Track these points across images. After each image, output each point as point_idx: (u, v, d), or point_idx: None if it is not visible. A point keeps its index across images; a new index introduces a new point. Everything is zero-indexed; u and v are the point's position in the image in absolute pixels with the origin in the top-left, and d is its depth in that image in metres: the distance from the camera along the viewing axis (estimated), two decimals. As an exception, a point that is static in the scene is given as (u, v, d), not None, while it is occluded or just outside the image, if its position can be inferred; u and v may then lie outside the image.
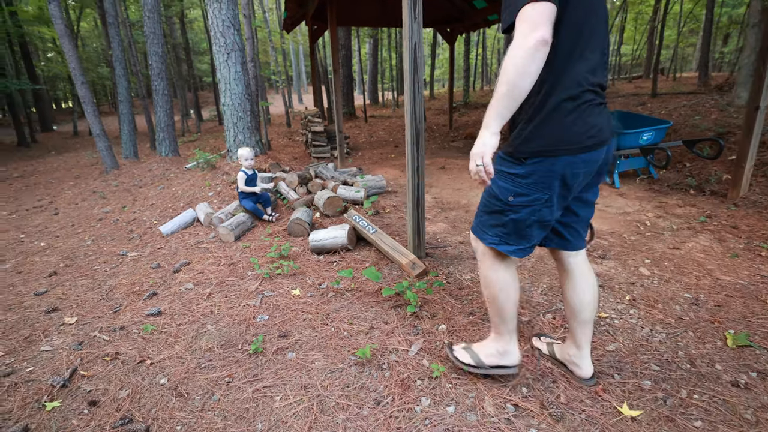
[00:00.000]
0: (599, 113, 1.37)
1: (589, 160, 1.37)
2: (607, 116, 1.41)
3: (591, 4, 1.32)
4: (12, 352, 2.36)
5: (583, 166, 1.37)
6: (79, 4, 18.24)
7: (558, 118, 1.33)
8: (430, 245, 3.16)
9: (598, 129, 1.35)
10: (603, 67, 1.39)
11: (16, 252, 4.33)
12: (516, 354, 1.70)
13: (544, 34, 1.17)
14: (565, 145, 1.33)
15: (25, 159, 13.38)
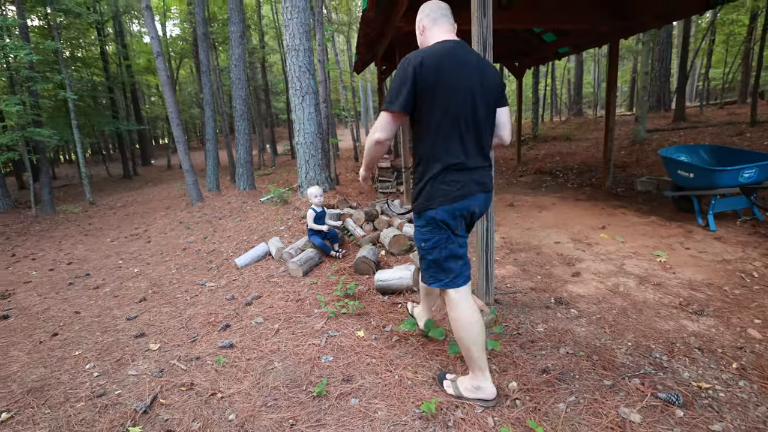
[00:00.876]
0: (462, 175, 1.79)
1: (461, 207, 1.81)
2: (471, 177, 1.81)
3: (452, 93, 1.72)
4: (105, 373, 2.59)
5: (458, 211, 1.82)
6: (179, 55, 20.86)
7: (431, 183, 1.82)
8: (498, 291, 3.02)
9: (462, 185, 1.79)
10: (460, 141, 1.77)
11: (114, 277, 4.84)
12: (489, 389, 1.91)
13: (380, 136, 1.78)
14: (429, 202, 1.82)
15: (127, 190, 15.19)
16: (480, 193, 1.85)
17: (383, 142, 1.80)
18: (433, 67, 1.69)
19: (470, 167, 1.80)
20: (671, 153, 4.79)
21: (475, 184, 1.82)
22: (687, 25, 12.11)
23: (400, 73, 1.72)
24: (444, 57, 1.72)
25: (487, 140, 1.87)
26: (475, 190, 1.82)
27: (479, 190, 1.84)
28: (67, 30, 14.87)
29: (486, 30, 2.33)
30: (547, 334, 2.46)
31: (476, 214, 1.91)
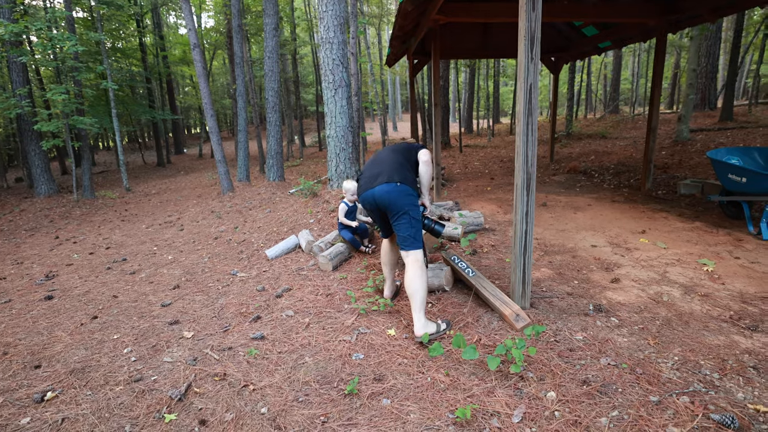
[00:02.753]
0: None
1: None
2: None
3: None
4: (141, 358, 2.66)
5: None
6: (212, 47, 21.28)
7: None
8: (534, 294, 2.92)
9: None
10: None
11: (149, 263, 4.98)
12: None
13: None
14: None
15: (161, 177, 15.68)
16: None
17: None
18: None
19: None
20: (722, 155, 4.52)
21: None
22: (740, 17, 11.39)
23: None
24: None
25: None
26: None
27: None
28: (108, 21, 15.39)
29: (534, 24, 2.23)
30: (586, 343, 2.36)
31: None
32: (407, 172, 2.67)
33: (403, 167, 2.67)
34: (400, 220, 2.56)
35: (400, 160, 2.71)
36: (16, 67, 10.58)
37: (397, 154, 2.76)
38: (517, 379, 2.09)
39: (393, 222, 2.62)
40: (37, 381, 2.43)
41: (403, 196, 2.55)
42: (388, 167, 2.64)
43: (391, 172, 2.61)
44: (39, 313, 3.60)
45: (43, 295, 4.03)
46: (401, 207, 2.54)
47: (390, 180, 2.57)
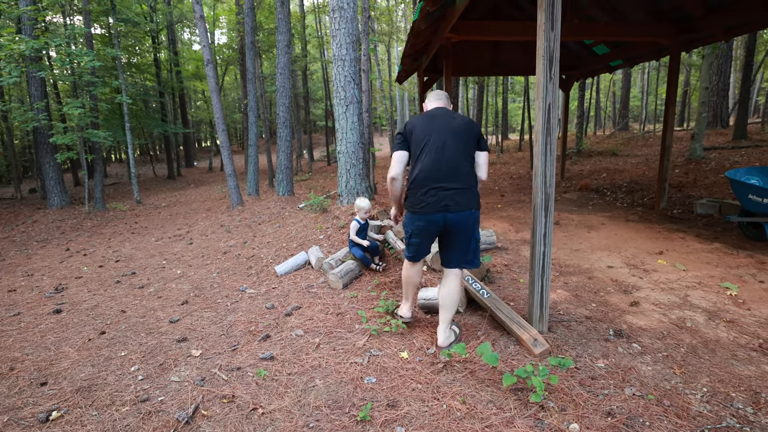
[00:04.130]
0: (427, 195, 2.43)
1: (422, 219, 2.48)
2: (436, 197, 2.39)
3: (428, 128, 2.46)
4: (149, 377, 2.60)
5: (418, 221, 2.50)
6: (225, 62, 21.71)
7: (412, 196, 2.50)
8: (551, 318, 2.83)
9: (425, 204, 2.42)
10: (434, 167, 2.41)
11: (158, 277, 4.96)
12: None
13: (393, 173, 2.51)
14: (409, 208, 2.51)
15: (171, 190, 15.82)
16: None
17: (397, 178, 2.66)
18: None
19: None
20: (741, 175, 4.43)
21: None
22: (752, 36, 11.36)
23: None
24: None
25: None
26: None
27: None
28: (125, 38, 15.78)
29: (553, 44, 2.20)
30: (608, 371, 2.27)
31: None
32: (476, 183, 2.46)
33: (473, 176, 2.43)
34: (469, 243, 2.48)
35: (470, 161, 2.41)
36: (35, 81, 10.84)
37: (463, 149, 2.39)
38: (537, 409, 2.00)
39: (457, 243, 2.48)
40: (43, 399, 2.38)
41: (477, 221, 2.48)
42: (463, 178, 2.36)
43: (469, 192, 2.37)
44: (47, 327, 3.57)
45: (52, 309, 4.02)
46: (473, 232, 2.47)
47: (470, 207, 2.37)
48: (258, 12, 16.14)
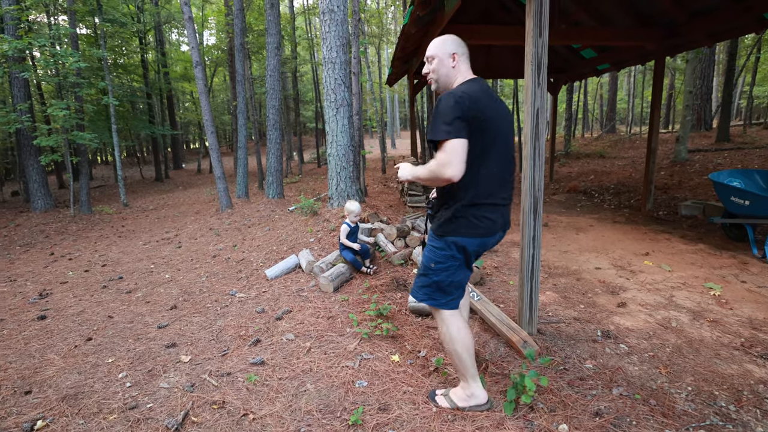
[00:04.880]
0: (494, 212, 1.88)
1: (483, 243, 1.90)
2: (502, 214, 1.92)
3: (495, 111, 1.80)
4: (137, 384, 2.57)
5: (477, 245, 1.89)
6: (213, 64, 21.52)
7: (465, 216, 1.85)
8: (540, 320, 2.86)
9: (492, 222, 1.87)
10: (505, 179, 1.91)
11: (146, 281, 4.90)
12: (482, 394, 2.03)
13: (454, 173, 1.69)
14: (461, 230, 1.85)
15: (159, 192, 15.63)
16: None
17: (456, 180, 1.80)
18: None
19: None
20: (723, 178, 4.53)
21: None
22: (734, 41, 11.64)
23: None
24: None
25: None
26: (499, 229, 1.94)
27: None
28: (112, 38, 15.56)
29: (541, 50, 2.24)
30: (596, 372, 2.30)
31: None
32: None
33: None
34: None
35: None
36: (18, 82, 10.63)
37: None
38: (527, 410, 2.02)
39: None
40: (28, 408, 2.34)
41: None
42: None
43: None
44: (31, 333, 3.50)
45: (36, 315, 3.94)
46: None
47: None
48: (247, 13, 16.05)
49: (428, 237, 2.02)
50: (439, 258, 1.89)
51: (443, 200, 1.92)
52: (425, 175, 1.77)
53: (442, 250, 1.88)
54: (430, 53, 1.90)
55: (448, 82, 1.89)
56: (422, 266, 1.98)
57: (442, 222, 1.88)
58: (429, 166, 1.73)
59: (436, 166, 1.70)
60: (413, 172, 1.86)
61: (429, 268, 1.93)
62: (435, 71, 1.90)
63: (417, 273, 2.02)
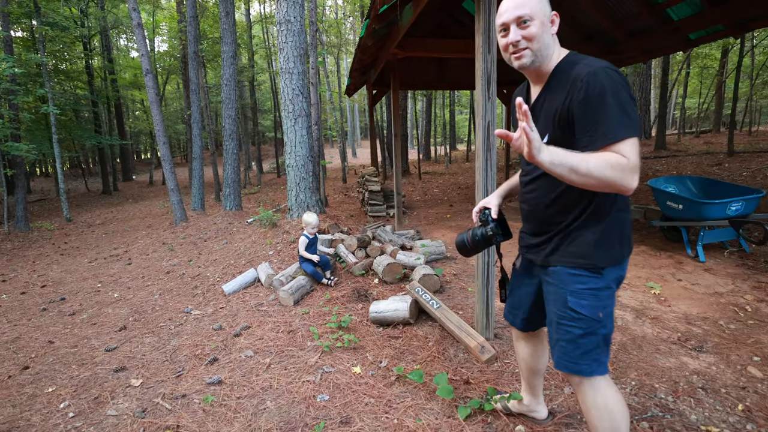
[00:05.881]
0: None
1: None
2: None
3: None
4: (81, 413, 2.41)
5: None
6: (166, 71, 20.75)
7: (619, 229, 1.38)
8: (498, 324, 2.96)
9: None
10: None
11: (92, 302, 4.60)
12: None
13: (636, 184, 1.17)
14: (627, 250, 1.40)
15: (106, 206, 14.76)
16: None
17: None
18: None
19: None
20: (660, 184, 4.89)
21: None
22: (666, 58, 12.66)
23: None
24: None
25: None
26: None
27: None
28: (52, 43, 14.65)
29: (490, 65, 2.35)
30: (549, 373, 2.40)
31: None
32: None
33: None
34: None
35: None
36: (-57, 89, 9.76)
37: None
38: (486, 414, 2.07)
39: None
40: (-47, 449, 2.13)
41: None
42: None
43: None
44: (-42, 365, 3.19)
45: (-37, 344, 3.60)
46: None
47: None
48: (201, 21, 15.64)
49: (567, 280, 1.38)
50: (605, 302, 1.36)
51: (577, 214, 1.36)
52: (599, 173, 1.13)
53: (605, 289, 1.36)
54: (524, 12, 1.28)
55: (547, 56, 1.33)
56: (575, 322, 1.36)
57: (592, 247, 1.35)
58: (610, 162, 1.13)
59: (626, 168, 1.14)
60: (568, 160, 1.12)
61: (596, 321, 1.34)
62: (535, 38, 1.29)
63: (560, 337, 1.41)
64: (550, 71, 1.36)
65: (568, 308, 1.37)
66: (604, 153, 1.16)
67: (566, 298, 1.37)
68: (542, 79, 1.39)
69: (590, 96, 1.20)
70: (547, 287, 1.49)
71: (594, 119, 1.20)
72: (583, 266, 1.36)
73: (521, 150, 1.13)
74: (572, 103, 1.25)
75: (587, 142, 1.22)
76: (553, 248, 1.43)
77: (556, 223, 1.42)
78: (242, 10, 19.05)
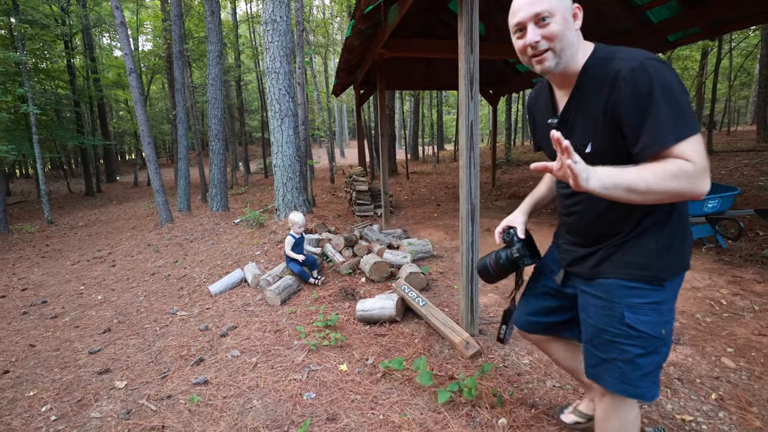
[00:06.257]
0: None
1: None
2: None
3: None
4: (64, 416, 2.38)
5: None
6: (150, 71, 20.45)
7: (682, 232, 1.25)
8: (482, 320, 3.00)
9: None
10: None
11: (75, 304, 4.53)
12: None
13: (709, 185, 1.04)
14: (687, 256, 1.27)
15: (90, 207, 14.50)
16: None
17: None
18: None
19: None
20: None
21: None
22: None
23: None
24: None
25: None
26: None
27: None
28: (32, 41, 14.33)
29: (473, 66, 2.39)
30: (532, 366, 2.45)
31: None
32: None
33: None
34: None
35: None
36: None
37: None
38: (470, 408, 2.11)
39: None
40: (-70, 454, 2.09)
41: None
42: None
43: None
44: (-65, 370, 3.12)
45: (-59, 349, 3.51)
46: None
47: None
48: (187, 20, 15.46)
49: (620, 293, 1.23)
50: (667, 317, 1.23)
51: (638, 221, 1.21)
52: (662, 187, 1.01)
53: (667, 302, 1.23)
54: (542, 8, 1.13)
55: (572, 55, 1.18)
56: (634, 341, 1.21)
57: (654, 256, 1.20)
58: (672, 171, 1.00)
59: (693, 174, 1.01)
60: (623, 180, 1.00)
61: (658, 339, 1.21)
62: (557, 36, 1.14)
63: (614, 357, 1.25)
64: (578, 71, 1.19)
65: (626, 325, 1.21)
66: (664, 162, 1.03)
67: (622, 313, 1.21)
68: (569, 81, 1.22)
69: (636, 96, 1.06)
70: (590, 300, 1.31)
71: (644, 123, 1.06)
72: (643, 278, 1.20)
73: (565, 180, 1.00)
74: (615, 105, 1.10)
75: (640, 149, 1.07)
76: (603, 257, 1.27)
77: (612, 235, 1.25)
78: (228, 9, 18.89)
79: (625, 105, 1.08)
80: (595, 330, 1.29)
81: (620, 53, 1.13)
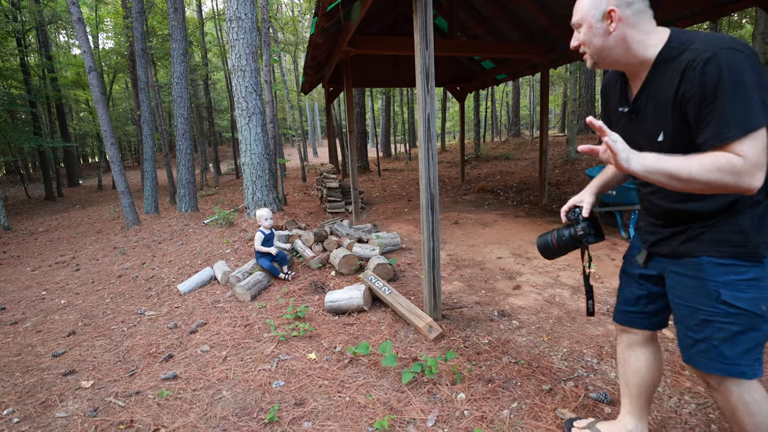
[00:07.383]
0: None
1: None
2: None
3: None
4: (27, 418, 2.35)
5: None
6: (112, 70, 19.73)
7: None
8: (446, 306, 3.13)
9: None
10: None
11: (36, 310, 4.41)
12: None
13: (761, 182, 1.03)
14: None
15: (50, 213, 13.91)
16: None
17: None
18: None
19: None
20: (596, 172, 5.28)
21: None
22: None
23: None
24: None
25: None
26: None
27: None
28: (-19, 39, 13.62)
29: (428, 60, 2.50)
30: (491, 346, 2.60)
31: None
32: None
33: None
34: None
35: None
36: None
37: None
38: (431, 386, 2.23)
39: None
40: None
41: None
42: None
43: None
44: None
45: None
46: None
47: None
48: (150, 17, 15.02)
49: (715, 271, 1.21)
50: (767, 293, 1.19)
51: (731, 198, 1.18)
52: (705, 177, 1.03)
53: (766, 279, 1.19)
54: (575, 19, 1.27)
55: (609, 57, 1.24)
56: (732, 318, 1.19)
57: (751, 231, 1.17)
58: (719, 164, 1.02)
59: (741, 170, 1.02)
60: (665, 166, 1.05)
61: (758, 316, 1.18)
62: (585, 43, 1.27)
63: (711, 335, 1.23)
64: (651, 61, 1.19)
65: (723, 303, 1.19)
66: (715, 153, 1.04)
67: (718, 291, 1.19)
68: (639, 72, 1.24)
69: (704, 89, 1.05)
70: (680, 279, 1.29)
71: (708, 117, 1.06)
72: (739, 255, 1.18)
73: (609, 162, 1.07)
74: (684, 97, 1.11)
75: (702, 141, 1.09)
76: (693, 235, 1.25)
77: (700, 215, 1.22)
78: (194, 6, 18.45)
79: (692, 97, 1.08)
80: (688, 310, 1.27)
81: (696, 42, 1.10)
